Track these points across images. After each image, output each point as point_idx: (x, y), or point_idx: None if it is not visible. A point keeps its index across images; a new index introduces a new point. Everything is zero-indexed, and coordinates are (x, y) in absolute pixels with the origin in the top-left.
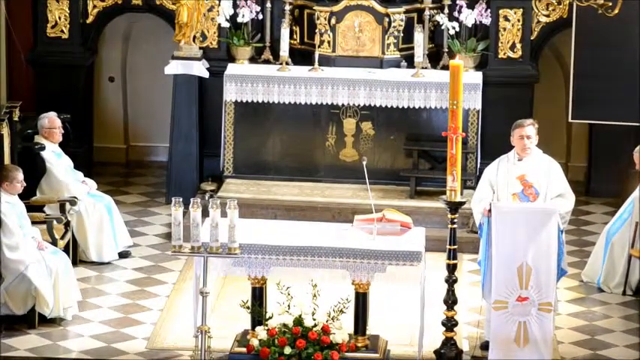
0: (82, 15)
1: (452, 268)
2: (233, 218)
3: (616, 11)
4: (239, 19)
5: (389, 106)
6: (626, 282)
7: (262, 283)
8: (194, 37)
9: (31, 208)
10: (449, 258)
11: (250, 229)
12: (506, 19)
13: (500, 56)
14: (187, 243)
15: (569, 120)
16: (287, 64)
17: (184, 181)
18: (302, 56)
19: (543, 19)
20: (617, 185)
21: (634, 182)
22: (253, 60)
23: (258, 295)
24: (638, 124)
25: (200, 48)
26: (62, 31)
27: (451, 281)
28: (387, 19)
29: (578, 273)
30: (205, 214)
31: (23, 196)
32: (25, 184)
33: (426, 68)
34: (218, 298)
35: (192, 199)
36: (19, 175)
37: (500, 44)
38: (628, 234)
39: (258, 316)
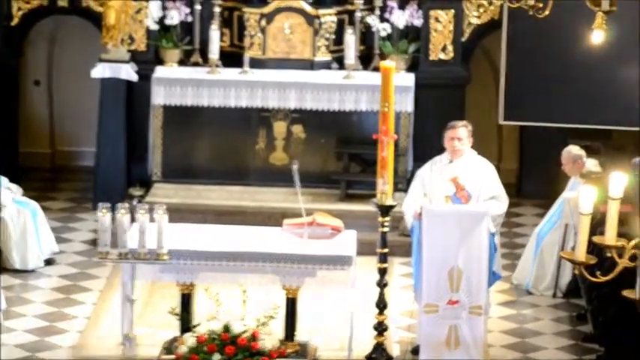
0: (5, 17)
1: (383, 272)
2: (161, 223)
3: (547, 12)
4: (168, 21)
5: (320, 109)
6: (556, 284)
7: (191, 289)
8: (122, 39)
9: None
10: (380, 261)
11: (179, 235)
12: (437, 20)
13: (431, 58)
14: (114, 249)
15: (500, 122)
16: (217, 66)
17: (111, 186)
18: (232, 59)
19: (474, 21)
20: (547, 187)
21: (564, 183)
22: (182, 63)
23: (187, 302)
24: (567, 126)
25: (128, 51)
26: None
27: (382, 285)
28: (317, 21)
29: (509, 276)
30: (133, 219)
31: None
32: None
33: (357, 70)
34: (146, 305)
35: (119, 205)
36: None
37: (431, 46)
38: (558, 235)
39: (187, 323)
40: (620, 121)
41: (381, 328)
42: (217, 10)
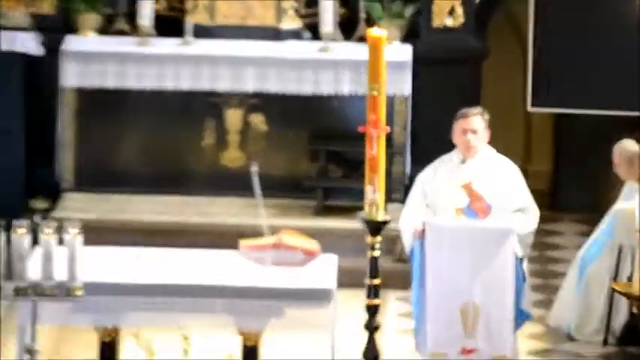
0: None
1: (373, 311)
2: (74, 247)
3: None
4: None
5: (287, 93)
6: (607, 327)
7: (114, 335)
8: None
9: None
10: (369, 296)
11: (98, 262)
12: None
13: (435, 24)
14: (9, 282)
15: (529, 109)
16: (149, 36)
17: (5, 196)
18: (169, 26)
19: None
20: (592, 196)
21: (616, 191)
22: (103, 31)
23: (109, 352)
24: (618, 114)
25: (29, 15)
26: None
27: (372, 328)
28: None
29: (543, 315)
30: (35, 241)
31: None
32: None
33: (336, 41)
34: (52, 356)
35: (16, 222)
36: None
37: (434, 8)
38: (608, 261)
39: None
40: None
41: None
42: None
